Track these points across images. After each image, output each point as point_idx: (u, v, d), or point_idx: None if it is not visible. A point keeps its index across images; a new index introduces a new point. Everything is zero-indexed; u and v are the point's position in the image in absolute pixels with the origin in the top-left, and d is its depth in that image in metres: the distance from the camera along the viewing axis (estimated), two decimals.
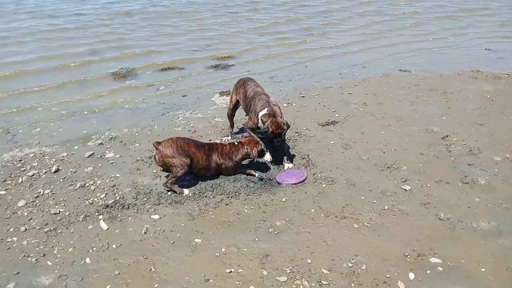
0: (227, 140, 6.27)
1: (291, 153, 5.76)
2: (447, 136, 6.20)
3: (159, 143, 5.00)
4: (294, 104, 7.70)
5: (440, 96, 7.91)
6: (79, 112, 7.65)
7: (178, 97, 8.29)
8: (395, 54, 11.09)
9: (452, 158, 5.60)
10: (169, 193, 4.93)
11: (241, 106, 6.10)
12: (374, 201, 4.65)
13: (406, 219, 4.36)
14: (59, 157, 5.95)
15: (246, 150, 5.15)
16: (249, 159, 5.32)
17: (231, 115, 6.38)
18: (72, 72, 9.86)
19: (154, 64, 10.40)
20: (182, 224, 4.38)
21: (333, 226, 4.26)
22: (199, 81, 9.25)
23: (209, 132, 6.62)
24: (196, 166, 5.07)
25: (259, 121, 5.43)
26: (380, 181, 5.07)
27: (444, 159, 5.57)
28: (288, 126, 5.46)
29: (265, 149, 5.27)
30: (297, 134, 6.42)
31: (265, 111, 5.38)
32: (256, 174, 5.21)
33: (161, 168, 5.12)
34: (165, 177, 5.20)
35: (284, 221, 4.36)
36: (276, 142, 5.38)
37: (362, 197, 4.74)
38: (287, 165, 5.43)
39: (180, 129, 6.80)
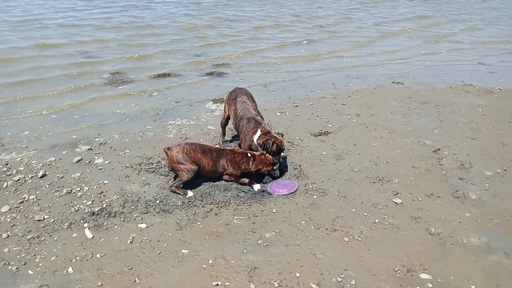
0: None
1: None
2: (439, 149, 6.20)
3: (168, 148, 5.08)
4: (287, 113, 7.67)
5: (432, 109, 7.94)
6: (69, 116, 7.55)
7: (171, 104, 8.22)
8: (389, 66, 11.15)
9: (444, 172, 5.59)
10: (157, 201, 4.84)
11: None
12: (365, 214, 4.61)
13: (396, 233, 4.31)
14: (47, 161, 5.83)
15: (259, 167, 5.11)
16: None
17: (224, 124, 6.34)
18: (65, 77, 9.76)
19: (148, 70, 10.35)
20: (170, 234, 4.29)
21: (323, 239, 4.20)
22: (192, 88, 9.20)
23: (201, 139, 6.55)
24: (203, 171, 5.09)
25: (253, 144, 5.40)
26: (371, 193, 5.03)
27: (436, 173, 5.55)
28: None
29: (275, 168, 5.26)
30: (289, 143, 6.37)
31: (259, 132, 5.38)
32: (255, 187, 5.14)
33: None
34: (173, 179, 5.12)
35: (273, 233, 4.29)
36: (281, 158, 5.35)
37: (353, 210, 4.69)
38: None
39: (171, 136, 6.72)
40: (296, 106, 8.06)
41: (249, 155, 5.12)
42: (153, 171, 5.54)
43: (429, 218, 4.59)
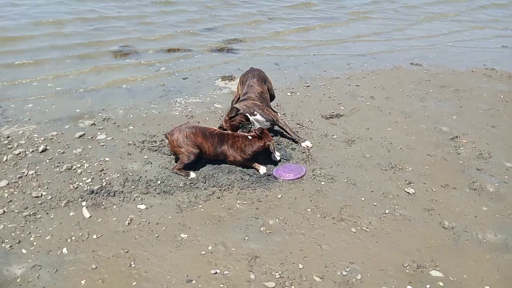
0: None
1: (288, 149, 5.47)
2: (456, 137, 5.86)
3: (169, 133, 4.92)
4: (298, 93, 7.36)
5: (451, 93, 7.53)
6: (74, 89, 7.36)
7: (178, 80, 7.96)
8: (407, 46, 10.64)
9: (461, 161, 5.28)
10: (158, 181, 4.67)
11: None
12: (375, 204, 4.37)
13: (407, 226, 4.07)
14: (48, 136, 5.68)
15: (262, 144, 4.88)
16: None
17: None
18: (73, 47, 9.54)
19: (157, 44, 10.06)
20: (169, 217, 4.13)
21: (329, 229, 3.99)
22: (201, 63, 8.89)
23: (207, 118, 6.32)
24: (205, 154, 4.92)
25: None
26: (382, 182, 4.78)
27: (452, 162, 5.25)
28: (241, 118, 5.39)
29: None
30: (298, 125, 6.10)
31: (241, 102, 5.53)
32: (260, 170, 4.92)
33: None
34: (175, 161, 4.94)
35: (277, 220, 4.09)
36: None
37: (363, 199, 4.45)
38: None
39: (177, 113, 6.50)
40: (307, 86, 7.73)
41: (249, 137, 4.89)
42: (156, 150, 5.36)
43: (443, 210, 4.33)
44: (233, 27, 11.78)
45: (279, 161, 5.13)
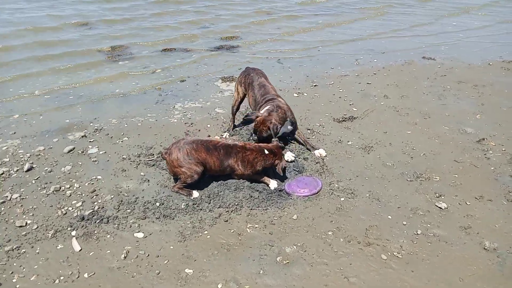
0: (226, 136, 5.46)
1: (298, 158, 4.94)
2: (483, 139, 5.34)
3: (166, 152, 4.33)
4: (305, 94, 6.82)
5: (471, 89, 7.00)
6: (63, 97, 6.82)
7: (175, 83, 7.41)
8: (417, 39, 10.08)
9: (492, 168, 4.76)
10: (157, 203, 4.14)
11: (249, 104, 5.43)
12: (404, 223, 3.85)
13: (444, 249, 3.56)
14: (35, 151, 5.15)
15: (275, 162, 4.38)
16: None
17: (236, 109, 5.58)
18: (61, 49, 8.98)
19: (152, 45, 9.50)
20: (171, 247, 3.60)
21: (356, 256, 3.47)
22: (200, 64, 8.34)
23: (208, 125, 5.78)
24: (210, 171, 4.35)
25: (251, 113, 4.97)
26: (409, 195, 4.26)
27: (483, 169, 4.73)
28: (275, 131, 4.75)
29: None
30: (309, 131, 5.57)
31: (265, 108, 4.86)
32: (271, 184, 4.40)
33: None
34: (174, 180, 4.41)
35: (295, 247, 3.57)
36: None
37: (389, 217, 3.93)
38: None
39: (175, 120, 5.96)
40: (315, 85, 7.18)
41: (266, 151, 4.35)
42: (153, 165, 4.83)
43: (481, 228, 3.82)
44: (232, 22, 11.22)
45: (292, 161, 4.76)
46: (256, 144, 4.47)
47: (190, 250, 3.56)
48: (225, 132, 5.59)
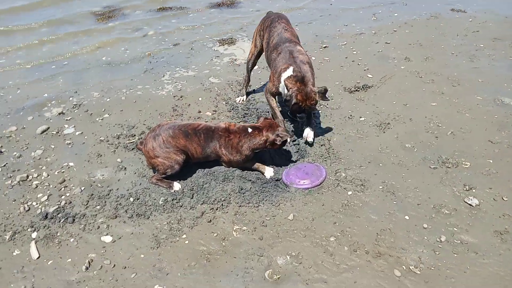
0: (242, 100, 4.80)
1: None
2: None
3: (141, 143, 3.73)
4: (313, 58, 5.94)
5: (509, 48, 5.96)
6: (46, 66, 6.15)
7: (167, 47, 6.62)
8: None
9: None
10: (131, 198, 3.55)
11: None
12: (425, 226, 3.15)
13: (474, 262, 2.87)
14: (6, 132, 4.60)
15: (265, 138, 3.64)
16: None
17: (252, 64, 4.78)
18: (46, 10, 8.20)
19: (147, 2, 8.58)
20: (142, 256, 3.04)
21: (362, 271, 2.84)
22: (196, 24, 7.46)
23: (200, 98, 5.06)
24: (193, 158, 3.72)
25: (281, 85, 3.90)
26: (432, 187, 3.52)
27: None
28: (323, 95, 3.82)
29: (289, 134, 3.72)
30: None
31: (290, 71, 3.82)
32: (266, 173, 3.73)
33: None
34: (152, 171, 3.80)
35: (288, 258, 2.95)
36: (299, 118, 4.02)
37: (406, 217, 3.24)
38: (309, 137, 4.01)
39: (164, 93, 5.26)
40: (325, 47, 6.27)
41: (249, 130, 3.65)
42: (133, 148, 4.20)
43: None
44: None
45: (293, 141, 4.06)
46: (240, 124, 3.75)
47: (163, 260, 2.99)
48: (238, 97, 4.91)
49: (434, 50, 5.97)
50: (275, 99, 4.23)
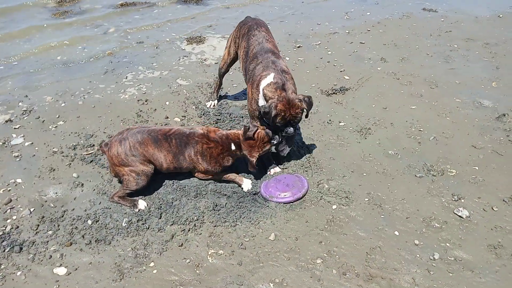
0: (213, 105, 4.43)
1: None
2: (504, 115, 4.38)
3: (106, 144, 3.28)
4: (287, 58, 5.66)
5: (482, 49, 5.93)
6: None
7: (130, 45, 6.12)
8: None
9: None
10: (89, 221, 3.11)
11: (240, 67, 4.09)
12: (416, 242, 2.93)
13: (471, 282, 2.67)
14: None
15: (253, 154, 3.29)
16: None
17: (223, 73, 4.40)
18: None
19: None
20: None
21: None
22: (162, 20, 6.99)
23: (167, 103, 4.64)
24: (161, 168, 3.29)
25: (260, 95, 3.38)
26: (420, 198, 3.32)
27: (509, 157, 3.79)
28: (310, 105, 3.37)
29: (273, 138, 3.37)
30: None
31: (270, 78, 3.34)
32: (244, 185, 3.40)
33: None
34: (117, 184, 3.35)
35: (272, 285, 2.63)
36: (284, 133, 3.38)
37: (396, 232, 3.00)
38: (284, 152, 3.60)
39: (126, 96, 4.79)
40: (298, 46, 6.00)
41: (233, 147, 3.29)
42: (91, 161, 3.74)
43: None
44: None
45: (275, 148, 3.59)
46: (222, 132, 3.39)
47: None
48: (209, 101, 4.54)
49: (409, 51, 5.84)
50: (259, 122, 3.54)
